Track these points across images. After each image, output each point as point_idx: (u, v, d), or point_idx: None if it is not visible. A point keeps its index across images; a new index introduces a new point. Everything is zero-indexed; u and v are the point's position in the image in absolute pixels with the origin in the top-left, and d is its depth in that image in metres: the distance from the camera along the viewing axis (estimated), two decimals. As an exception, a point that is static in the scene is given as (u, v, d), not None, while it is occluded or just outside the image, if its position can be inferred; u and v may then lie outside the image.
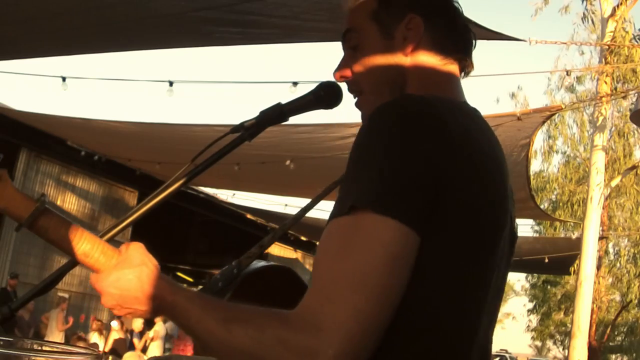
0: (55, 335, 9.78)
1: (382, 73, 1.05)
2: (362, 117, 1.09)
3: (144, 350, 10.33)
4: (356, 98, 1.10)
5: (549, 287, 27.20)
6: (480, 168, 0.91)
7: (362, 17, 1.07)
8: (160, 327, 10.75)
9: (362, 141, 0.89)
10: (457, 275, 0.89)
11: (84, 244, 0.93)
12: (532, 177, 10.06)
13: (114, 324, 10.51)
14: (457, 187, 0.86)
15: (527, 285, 31.03)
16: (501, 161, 0.99)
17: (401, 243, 0.82)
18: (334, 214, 0.86)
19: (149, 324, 10.96)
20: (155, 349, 10.13)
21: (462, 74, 1.10)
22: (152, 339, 10.34)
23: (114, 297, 0.90)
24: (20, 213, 0.93)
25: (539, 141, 17.00)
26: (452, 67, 1.07)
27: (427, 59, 1.04)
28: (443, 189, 0.85)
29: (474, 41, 1.11)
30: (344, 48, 1.11)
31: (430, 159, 0.85)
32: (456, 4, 1.09)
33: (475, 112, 1.02)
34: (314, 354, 0.78)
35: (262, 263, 1.07)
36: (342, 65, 1.09)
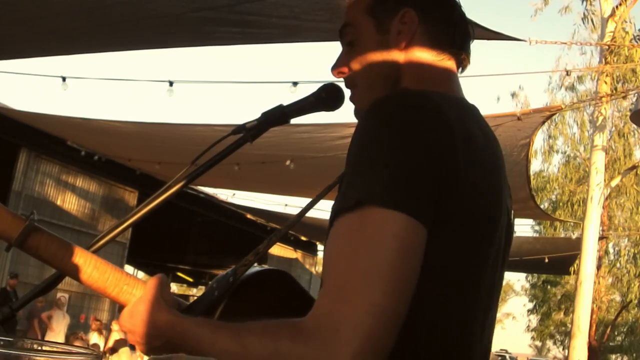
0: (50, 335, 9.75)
1: (377, 68, 1.05)
2: (355, 111, 1.09)
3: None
4: (350, 92, 1.10)
5: (549, 287, 27.19)
6: (477, 159, 0.90)
7: (358, 12, 1.07)
8: None
9: (361, 135, 0.88)
10: (459, 269, 0.88)
11: (76, 260, 0.92)
12: (532, 177, 10.05)
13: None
14: (457, 179, 0.86)
15: (527, 285, 31.04)
16: (496, 153, 0.98)
17: (412, 236, 0.80)
18: (339, 209, 0.84)
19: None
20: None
21: (460, 69, 1.08)
22: None
23: (132, 333, 0.94)
24: (9, 233, 0.91)
25: (539, 141, 17.02)
26: (449, 63, 1.05)
27: (422, 53, 1.04)
28: (445, 182, 0.84)
29: (471, 35, 1.10)
30: (342, 44, 1.11)
31: (432, 151, 0.84)
32: None
33: (473, 108, 1.02)
34: (332, 358, 0.76)
35: (256, 268, 1.05)
36: (339, 61, 1.10)
